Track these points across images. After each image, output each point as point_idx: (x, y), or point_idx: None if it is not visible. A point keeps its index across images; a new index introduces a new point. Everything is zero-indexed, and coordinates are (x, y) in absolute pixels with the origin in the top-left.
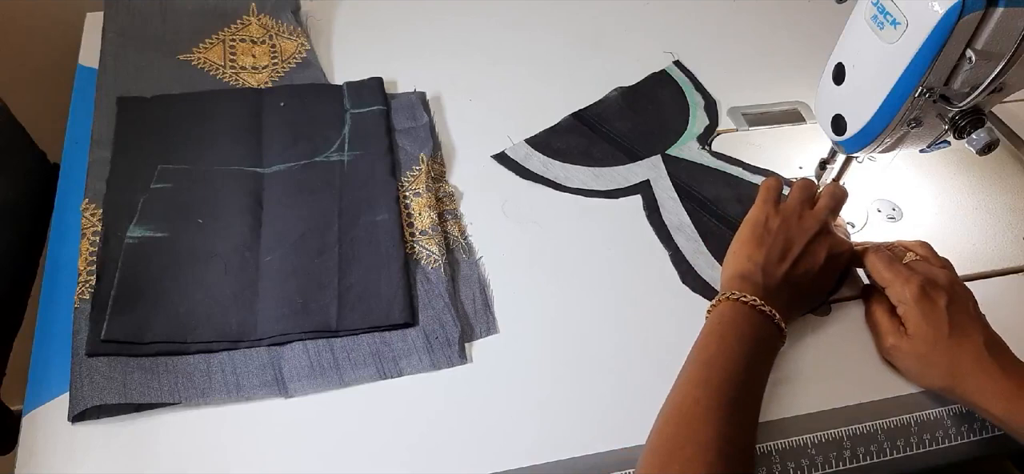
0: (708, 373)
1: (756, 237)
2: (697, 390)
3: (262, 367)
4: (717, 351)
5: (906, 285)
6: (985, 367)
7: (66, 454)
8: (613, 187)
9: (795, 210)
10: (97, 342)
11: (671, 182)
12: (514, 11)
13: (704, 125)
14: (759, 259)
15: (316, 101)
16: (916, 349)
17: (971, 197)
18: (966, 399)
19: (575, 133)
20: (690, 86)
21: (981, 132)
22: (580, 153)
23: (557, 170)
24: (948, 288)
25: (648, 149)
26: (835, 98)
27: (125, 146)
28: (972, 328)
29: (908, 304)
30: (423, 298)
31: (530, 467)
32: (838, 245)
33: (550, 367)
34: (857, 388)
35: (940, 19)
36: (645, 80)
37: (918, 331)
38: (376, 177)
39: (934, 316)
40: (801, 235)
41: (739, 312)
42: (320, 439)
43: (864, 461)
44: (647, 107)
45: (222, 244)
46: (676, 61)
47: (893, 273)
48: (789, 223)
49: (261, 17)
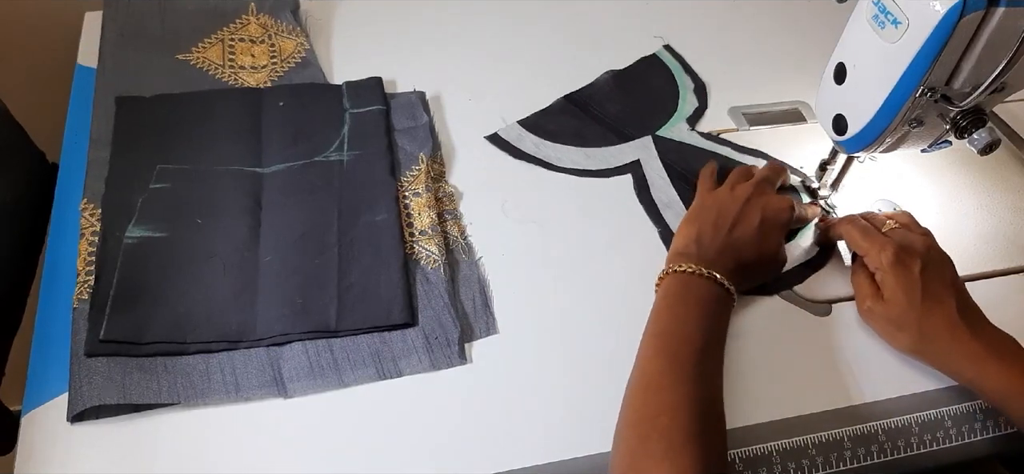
0: (665, 342)
1: (693, 217)
2: (658, 360)
3: (261, 367)
4: (669, 319)
5: (882, 251)
6: (955, 331)
7: (65, 454)
8: (604, 167)
9: (726, 187)
10: (96, 342)
11: (661, 162)
12: (514, 10)
13: (693, 107)
14: (693, 234)
15: (315, 101)
16: (889, 312)
17: (972, 197)
18: (936, 362)
19: (567, 114)
20: (680, 69)
21: (982, 132)
22: (572, 134)
23: (549, 150)
24: (923, 254)
25: (639, 130)
26: (836, 98)
27: (124, 146)
28: (945, 294)
29: (883, 269)
30: (423, 298)
31: (530, 467)
32: (772, 203)
33: (550, 367)
34: (857, 388)
35: (941, 19)
36: (636, 63)
37: (892, 296)
38: (376, 177)
39: (907, 281)
40: (732, 203)
41: (681, 281)
42: (320, 439)
43: (864, 461)
44: (637, 89)
45: (221, 244)
46: (666, 45)
47: (869, 241)
48: (720, 197)
49: (260, 17)
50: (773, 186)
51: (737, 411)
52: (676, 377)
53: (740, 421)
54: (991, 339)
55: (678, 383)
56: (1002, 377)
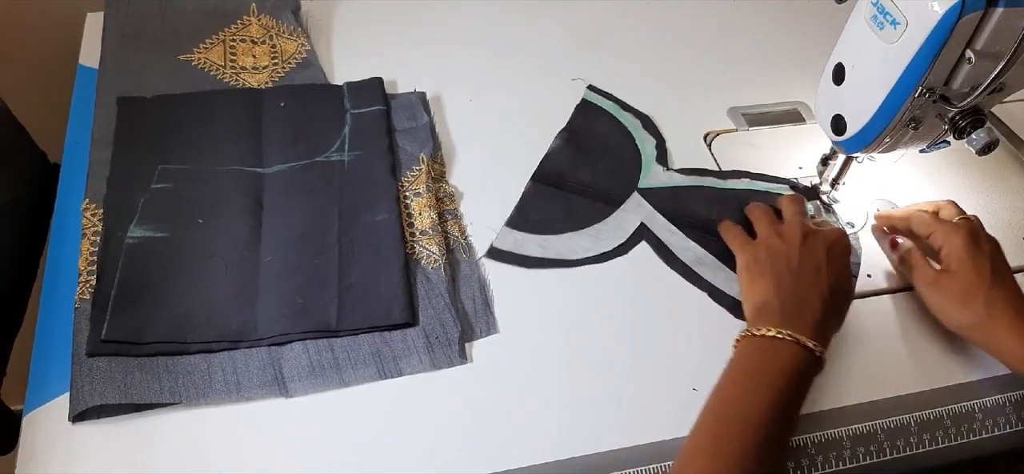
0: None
1: (757, 273)
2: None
3: (262, 367)
4: (729, 390)
5: (954, 230)
6: (1020, 311)
7: (66, 454)
8: (617, 243)
9: (771, 232)
10: (97, 342)
11: (663, 217)
12: (514, 11)
13: (653, 145)
14: (769, 287)
15: (316, 101)
16: (958, 284)
17: (971, 197)
18: (993, 338)
19: (546, 198)
20: (617, 108)
21: (981, 132)
22: (564, 218)
23: (556, 245)
24: (992, 240)
25: (621, 188)
26: (835, 98)
27: (125, 146)
28: (1009, 275)
29: (956, 245)
30: (423, 298)
31: (530, 467)
32: (829, 235)
33: (550, 367)
34: (857, 388)
35: (940, 19)
36: (575, 117)
37: (962, 268)
38: (376, 177)
39: (979, 258)
40: (791, 248)
41: (758, 347)
42: (320, 439)
43: (864, 461)
44: (594, 145)
45: (222, 244)
46: (589, 86)
47: (937, 223)
48: (773, 245)
49: (261, 17)
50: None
51: None
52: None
53: None
54: None
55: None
56: None
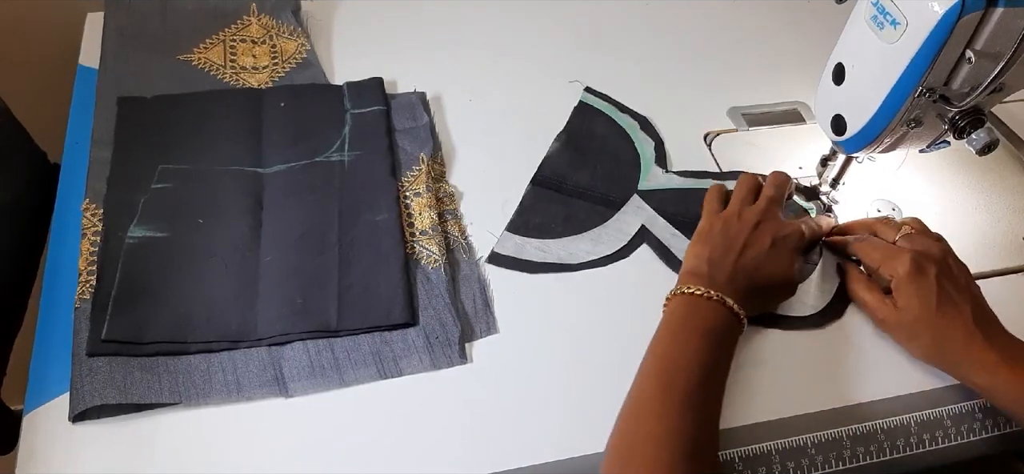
0: (661, 367)
1: (701, 240)
2: (651, 385)
3: (262, 367)
4: (669, 344)
5: (897, 260)
6: (969, 339)
7: (66, 454)
8: (618, 246)
9: (735, 210)
10: (98, 342)
11: (663, 219)
12: (514, 10)
13: (652, 146)
14: (705, 254)
15: (316, 101)
16: (903, 320)
17: (971, 197)
18: (951, 370)
19: (545, 201)
20: (614, 109)
21: (981, 132)
22: (563, 220)
23: (556, 249)
24: (939, 260)
25: (620, 191)
26: (835, 98)
27: (125, 146)
28: (961, 300)
29: (900, 278)
30: (423, 298)
31: (530, 467)
32: (782, 228)
33: (550, 367)
34: (856, 388)
35: (940, 19)
36: (573, 120)
37: (907, 304)
38: (376, 177)
39: (923, 288)
40: (742, 227)
41: (688, 304)
42: (320, 439)
43: (864, 461)
44: (592, 147)
45: (222, 244)
46: (586, 88)
47: (882, 253)
48: (729, 220)
49: (261, 17)
50: (780, 203)
51: (737, 411)
52: (666, 406)
53: (740, 420)
54: (1006, 348)
55: (668, 412)
56: (1015, 386)
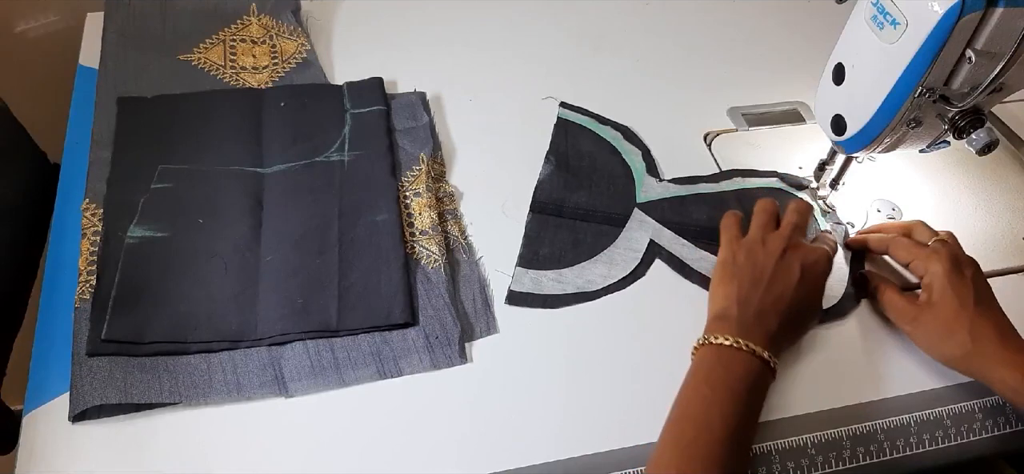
0: (681, 429)
1: (727, 275)
2: (672, 441)
3: (262, 367)
4: (692, 401)
5: (934, 257)
6: (1005, 338)
7: (66, 454)
8: (634, 265)
9: (758, 238)
10: (98, 342)
11: (669, 230)
12: (514, 10)
13: (640, 155)
14: (732, 293)
15: (316, 101)
16: (941, 315)
17: (971, 197)
18: (982, 369)
19: (550, 228)
20: (595, 122)
21: (981, 132)
22: (571, 247)
23: (573, 278)
24: (973, 263)
25: (620, 206)
26: (835, 98)
27: (125, 146)
28: (994, 301)
29: (937, 275)
30: (423, 298)
31: (530, 467)
32: (810, 255)
33: (550, 367)
34: (857, 388)
35: (940, 19)
36: (556, 139)
37: (944, 299)
38: (376, 177)
39: (961, 286)
40: (768, 259)
41: (716, 355)
42: (320, 439)
43: (864, 461)
44: (584, 165)
45: (222, 244)
46: (562, 103)
47: (917, 250)
48: (754, 251)
49: (261, 17)
50: (804, 231)
51: None
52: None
53: None
54: None
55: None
56: None
